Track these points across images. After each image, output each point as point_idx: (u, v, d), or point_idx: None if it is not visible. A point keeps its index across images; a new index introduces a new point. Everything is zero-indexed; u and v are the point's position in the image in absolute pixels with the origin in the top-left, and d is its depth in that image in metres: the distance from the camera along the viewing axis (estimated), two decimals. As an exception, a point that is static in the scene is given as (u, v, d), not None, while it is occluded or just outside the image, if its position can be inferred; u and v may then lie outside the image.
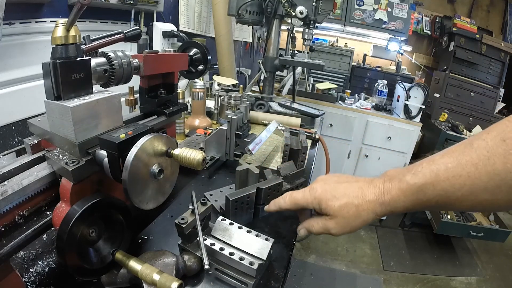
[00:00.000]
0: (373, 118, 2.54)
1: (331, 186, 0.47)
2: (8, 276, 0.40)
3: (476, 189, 0.34)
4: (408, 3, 2.76)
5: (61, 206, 0.45)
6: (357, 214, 0.43)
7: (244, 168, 0.64)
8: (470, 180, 0.34)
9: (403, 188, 0.40)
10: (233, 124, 0.80)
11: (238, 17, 1.32)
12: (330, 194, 0.46)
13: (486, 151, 0.34)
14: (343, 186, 0.46)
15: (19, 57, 0.90)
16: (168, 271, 0.42)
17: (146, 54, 0.60)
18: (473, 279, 2.27)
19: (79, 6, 0.38)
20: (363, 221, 0.44)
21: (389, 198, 0.41)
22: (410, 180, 0.39)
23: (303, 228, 0.51)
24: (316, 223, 0.49)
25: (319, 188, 0.48)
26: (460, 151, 0.37)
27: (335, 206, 0.45)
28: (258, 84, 1.71)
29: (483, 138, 0.35)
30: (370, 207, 0.42)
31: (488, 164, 0.33)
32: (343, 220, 0.45)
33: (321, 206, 0.47)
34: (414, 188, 0.38)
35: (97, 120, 0.47)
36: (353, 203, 0.44)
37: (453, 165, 0.36)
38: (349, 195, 0.44)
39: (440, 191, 0.36)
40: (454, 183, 0.35)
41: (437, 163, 0.38)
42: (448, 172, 0.36)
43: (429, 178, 0.37)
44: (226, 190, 0.71)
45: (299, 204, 0.50)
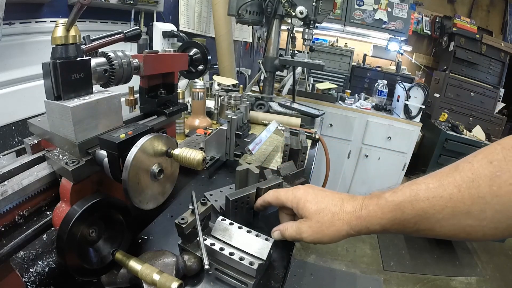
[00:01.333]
0: (373, 118, 2.54)
1: (314, 190, 0.47)
2: (8, 276, 0.40)
3: (458, 212, 0.32)
4: (408, 3, 2.76)
5: (61, 206, 0.45)
6: (332, 222, 0.43)
7: (244, 168, 0.64)
8: (451, 202, 0.32)
9: (381, 204, 0.39)
10: (233, 124, 0.80)
11: (238, 17, 1.32)
12: (310, 197, 0.46)
13: (471, 173, 0.32)
14: (325, 194, 0.46)
15: (19, 57, 0.90)
16: (168, 271, 0.42)
17: (146, 54, 0.60)
18: (473, 279, 2.27)
19: (79, 6, 0.38)
20: (336, 230, 0.42)
21: (366, 213, 0.40)
22: (388, 197, 0.38)
23: (277, 230, 0.51)
24: (290, 226, 0.48)
25: (302, 189, 0.49)
26: (444, 173, 0.35)
27: (312, 208, 0.45)
28: (258, 84, 1.71)
29: (469, 160, 0.33)
30: (346, 218, 0.42)
31: (472, 187, 0.31)
32: (316, 224, 0.44)
33: (298, 206, 0.47)
34: (392, 205, 0.37)
35: (97, 120, 0.46)
36: (330, 209, 0.43)
37: (435, 185, 0.34)
38: (328, 202, 0.44)
39: (419, 211, 0.35)
40: (435, 204, 0.34)
41: (418, 183, 0.36)
42: (428, 192, 0.34)
43: (408, 197, 0.36)
44: (226, 190, 0.71)
45: (280, 199, 0.51)
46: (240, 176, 0.65)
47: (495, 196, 0.30)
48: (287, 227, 0.49)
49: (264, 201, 0.55)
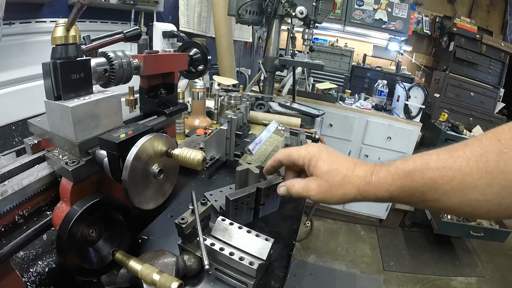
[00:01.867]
0: (373, 118, 2.54)
1: (328, 150, 0.47)
2: (8, 276, 0.40)
3: (466, 185, 0.33)
4: (408, 3, 2.76)
5: (61, 206, 0.45)
6: (342, 184, 0.43)
7: (244, 168, 0.65)
8: (460, 174, 0.33)
9: (391, 171, 0.39)
10: (233, 124, 0.80)
11: (238, 17, 1.32)
12: (324, 155, 0.46)
13: (480, 148, 0.33)
14: (338, 155, 0.46)
15: (19, 57, 0.90)
16: (168, 271, 0.42)
17: (146, 54, 0.60)
18: (473, 279, 2.27)
19: (79, 6, 0.38)
20: (344, 193, 0.43)
21: (376, 180, 0.40)
22: (399, 165, 0.39)
23: (284, 186, 0.50)
24: (298, 182, 0.48)
25: (316, 147, 0.48)
26: (454, 147, 0.36)
27: (324, 167, 0.44)
28: (258, 84, 1.71)
29: (478, 138, 0.35)
30: (356, 182, 0.42)
31: (480, 161, 0.32)
32: (326, 184, 0.44)
33: (310, 163, 0.46)
34: (403, 172, 0.38)
35: (97, 120, 0.47)
36: (341, 171, 0.43)
37: (445, 157, 0.35)
38: (341, 164, 0.44)
39: (428, 180, 0.36)
40: (444, 175, 0.34)
41: (429, 154, 0.37)
42: (438, 162, 0.35)
43: (419, 165, 0.37)
44: (226, 190, 0.71)
45: (292, 156, 0.50)
46: (240, 176, 0.65)
47: (502, 172, 0.31)
48: (294, 183, 0.48)
49: (275, 160, 0.53)
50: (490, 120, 2.80)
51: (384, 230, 2.80)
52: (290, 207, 0.70)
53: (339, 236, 2.66)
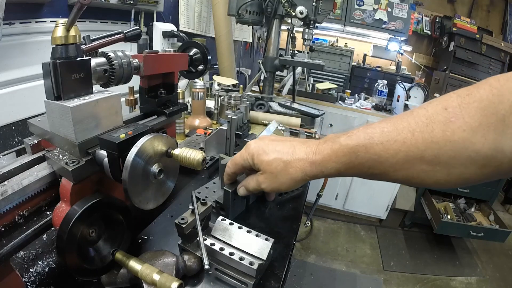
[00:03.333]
0: (373, 118, 2.54)
1: (265, 142, 0.48)
2: (8, 276, 0.40)
3: (412, 157, 0.32)
4: (408, 3, 2.76)
5: (61, 206, 0.45)
6: (285, 170, 0.43)
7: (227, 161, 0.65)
8: (405, 147, 0.33)
9: (335, 148, 0.39)
10: (233, 124, 0.79)
11: (238, 17, 1.32)
12: (261, 150, 0.46)
13: (425, 118, 0.32)
14: (275, 144, 0.46)
15: (19, 57, 0.90)
16: (168, 271, 0.42)
17: (146, 54, 0.60)
18: (473, 279, 2.27)
19: (79, 6, 0.38)
20: (291, 178, 0.43)
21: (320, 158, 0.40)
22: (343, 141, 0.38)
23: (242, 186, 0.53)
24: (251, 179, 0.50)
25: (252, 144, 0.49)
26: (399, 118, 0.35)
27: (264, 160, 0.45)
28: (258, 84, 1.71)
29: (424, 107, 0.33)
30: (299, 165, 0.42)
31: (425, 131, 0.31)
32: (271, 175, 0.45)
33: (253, 161, 0.47)
34: (346, 149, 0.37)
35: (97, 120, 0.47)
36: (281, 158, 0.44)
37: (389, 129, 0.34)
38: (279, 151, 0.44)
39: (373, 155, 0.35)
40: (388, 148, 0.34)
41: (373, 127, 0.36)
42: (382, 136, 0.34)
43: (362, 140, 0.36)
44: (211, 185, 0.71)
45: (238, 163, 0.51)
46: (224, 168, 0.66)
47: (449, 142, 0.30)
48: (249, 181, 0.51)
49: (228, 174, 0.55)
50: (490, 120, 2.80)
51: (384, 230, 2.80)
52: (290, 207, 0.70)
53: (339, 236, 2.66)
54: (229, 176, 0.56)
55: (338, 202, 2.86)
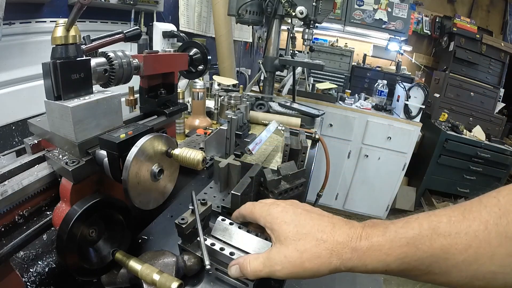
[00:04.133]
0: (373, 118, 2.54)
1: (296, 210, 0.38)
2: (8, 276, 0.40)
3: (483, 254, 0.27)
4: (408, 3, 2.76)
5: (61, 206, 0.45)
6: (316, 252, 0.32)
7: (225, 164, 0.66)
8: (477, 242, 0.27)
9: (389, 236, 0.30)
10: (233, 124, 0.79)
11: (238, 17, 1.32)
12: (289, 218, 0.36)
13: (498, 208, 0.27)
14: (309, 216, 0.36)
15: (19, 57, 0.90)
16: (168, 271, 0.42)
17: (146, 54, 0.60)
18: (473, 279, 2.27)
19: (79, 6, 0.38)
20: (321, 264, 0.33)
21: (367, 245, 0.31)
22: (400, 229, 0.30)
23: (235, 264, 0.39)
24: (255, 258, 0.37)
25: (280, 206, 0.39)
26: (467, 206, 0.29)
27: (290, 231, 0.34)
28: (258, 84, 1.71)
29: (493, 195, 0.28)
30: (336, 249, 0.32)
31: (499, 224, 0.26)
32: (295, 254, 0.33)
33: (273, 227, 0.37)
34: (405, 239, 0.30)
35: (97, 120, 0.47)
36: (314, 235, 0.33)
37: (458, 219, 0.28)
38: (313, 226, 0.34)
39: (437, 249, 0.28)
40: (458, 242, 0.27)
41: (437, 215, 0.30)
42: (451, 226, 0.28)
43: (426, 229, 0.29)
44: (208, 190, 0.71)
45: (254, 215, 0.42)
46: (223, 172, 0.66)
47: None
48: (249, 260, 0.38)
49: (240, 213, 0.47)
50: (490, 120, 2.80)
51: (384, 230, 2.80)
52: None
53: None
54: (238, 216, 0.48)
55: (338, 202, 2.86)
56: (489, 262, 0.27)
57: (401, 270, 0.31)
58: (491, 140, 2.62)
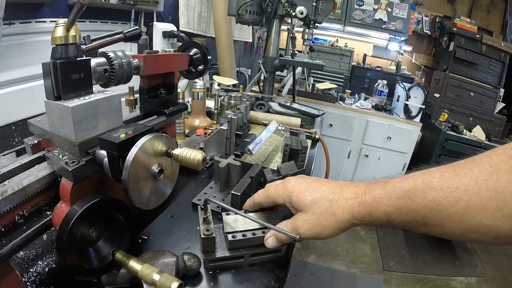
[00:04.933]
0: (373, 118, 2.54)
1: (307, 181, 0.43)
2: (8, 276, 0.40)
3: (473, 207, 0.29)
4: (408, 3, 2.76)
5: (61, 206, 0.45)
6: (330, 211, 0.38)
7: (225, 164, 0.66)
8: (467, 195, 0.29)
9: (388, 189, 0.34)
10: (233, 124, 0.79)
11: (238, 17, 1.32)
12: (303, 187, 0.42)
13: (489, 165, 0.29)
14: (319, 183, 0.42)
15: (19, 57, 0.90)
16: (168, 271, 0.42)
17: (146, 54, 0.60)
18: (473, 279, 2.27)
19: (79, 6, 0.38)
20: (336, 220, 0.38)
21: (370, 198, 0.35)
22: (397, 183, 0.34)
23: (271, 236, 0.45)
24: (284, 226, 0.43)
25: (293, 180, 0.44)
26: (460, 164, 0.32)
27: (306, 199, 0.40)
28: (258, 84, 1.71)
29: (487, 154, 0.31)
30: (347, 205, 0.37)
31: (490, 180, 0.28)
32: (313, 216, 0.39)
33: (291, 199, 0.42)
34: (401, 191, 0.33)
35: (97, 120, 0.47)
36: (327, 197, 0.38)
37: (450, 175, 0.31)
38: (324, 190, 0.40)
39: (431, 201, 0.31)
40: (448, 195, 0.30)
41: (432, 172, 0.33)
42: (442, 181, 0.31)
43: (420, 184, 0.32)
44: (208, 190, 0.71)
45: (271, 196, 0.46)
46: (223, 172, 0.66)
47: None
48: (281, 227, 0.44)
49: (254, 202, 0.50)
50: (490, 120, 2.80)
51: (384, 230, 2.80)
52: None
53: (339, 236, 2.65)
54: (254, 205, 0.51)
55: (338, 202, 2.85)
56: (480, 215, 0.29)
57: (401, 222, 0.34)
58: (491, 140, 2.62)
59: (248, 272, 0.49)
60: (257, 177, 0.64)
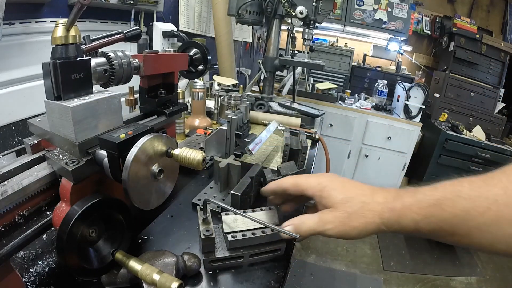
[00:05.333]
0: (373, 118, 2.54)
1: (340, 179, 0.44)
2: (8, 276, 0.40)
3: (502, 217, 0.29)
4: (408, 3, 2.76)
5: (61, 206, 0.45)
6: (361, 213, 0.38)
7: (225, 164, 0.66)
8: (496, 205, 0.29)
9: (418, 198, 0.35)
10: (233, 124, 0.79)
11: (238, 17, 1.32)
12: (336, 185, 0.42)
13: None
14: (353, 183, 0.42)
15: (19, 57, 0.90)
16: (168, 271, 0.42)
17: (146, 54, 0.60)
18: (473, 279, 2.27)
19: (79, 6, 0.38)
20: (366, 223, 0.38)
21: (400, 205, 0.36)
22: (427, 192, 0.35)
23: (291, 225, 0.44)
24: (309, 218, 0.42)
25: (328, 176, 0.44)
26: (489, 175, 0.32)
27: (338, 197, 0.40)
28: (258, 84, 1.71)
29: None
30: (377, 209, 0.37)
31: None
32: (344, 214, 0.39)
33: (322, 193, 0.42)
34: (431, 200, 0.33)
35: (97, 120, 0.47)
36: (359, 199, 0.39)
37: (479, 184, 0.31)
38: (357, 192, 0.40)
39: (460, 210, 0.31)
40: (478, 205, 0.30)
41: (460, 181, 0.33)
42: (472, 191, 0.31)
43: (449, 193, 0.33)
44: (208, 190, 0.71)
45: (300, 186, 0.45)
46: (223, 172, 0.66)
47: None
48: (303, 220, 0.43)
49: (279, 186, 0.49)
50: (490, 120, 2.80)
51: (384, 230, 2.80)
52: (290, 207, 0.70)
53: (339, 236, 2.65)
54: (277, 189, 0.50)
55: (338, 202, 2.85)
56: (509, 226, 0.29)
57: (429, 230, 0.34)
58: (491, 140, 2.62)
59: (248, 272, 0.49)
60: (257, 177, 0.64)
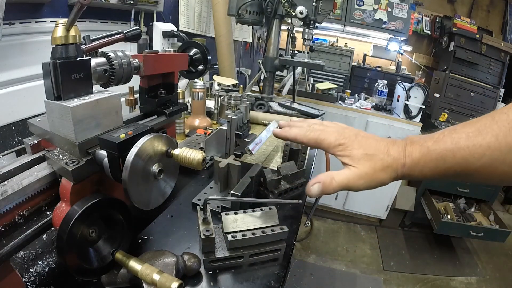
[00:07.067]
0: (373, 118, 2.54)
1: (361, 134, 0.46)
2: (8, 276, 0.40)
3: (495, 160, 0.34)
4: (408, 3, 2.76)
5: (61, 206, 0.45)
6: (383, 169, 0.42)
7: (225, 164, 0.66)
8: (489, 151, 0.34)
9: (423, 152, 0.39)
10: (233, 124, 0.79)
11: (238, 17, 1.32)
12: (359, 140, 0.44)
13: (507, 122, 0.34)
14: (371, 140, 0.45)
15: (19, 57, 0.90)
16: (168, 271, 0.42)
17: (146, 54, 0.60)
18: (473, 279, 2.27)
19: (79, 6, 0.38)
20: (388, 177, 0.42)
21: (410, 161, 0.40)
22: (431, 146, 0.39)
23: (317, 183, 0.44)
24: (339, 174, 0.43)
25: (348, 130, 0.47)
26: (481, 122, 0.37)
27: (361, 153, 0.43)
28: (258, 84, 1.71)
29: (504, 111, 0.35)
30: (394, 165, 0.42)
31: (508, 135, 0.33)
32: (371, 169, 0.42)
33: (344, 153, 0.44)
34: (434, 154, 0.38)
35: (97, 120, 0.47)
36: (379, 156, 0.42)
37: (474, 134, 0.36)
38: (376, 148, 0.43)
39: (460, 159, 0.36)
40: (474, 152, 0.35)
41: (457, 132, 0.38)
42: (468, 141, 0.36)
43: (449, 145, 0.37)
44: (208, 190, 0.71)
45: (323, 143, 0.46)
46: (223, 172, 0.66)
47: None
48: (333, 176, 0.43)
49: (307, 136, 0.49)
50: (490, 120, 2.80)
51: (384, 230, 2.80)
52: (290, 207, 0.70)
53: (339, 236, 2.65)
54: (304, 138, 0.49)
55: (338, 202, 2.85)
56: (502, 165, 0.35)
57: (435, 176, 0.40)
58: (491, 140, 2.62)
59: (248, 272, 0.49)
60: (257, 177, 0.64)
